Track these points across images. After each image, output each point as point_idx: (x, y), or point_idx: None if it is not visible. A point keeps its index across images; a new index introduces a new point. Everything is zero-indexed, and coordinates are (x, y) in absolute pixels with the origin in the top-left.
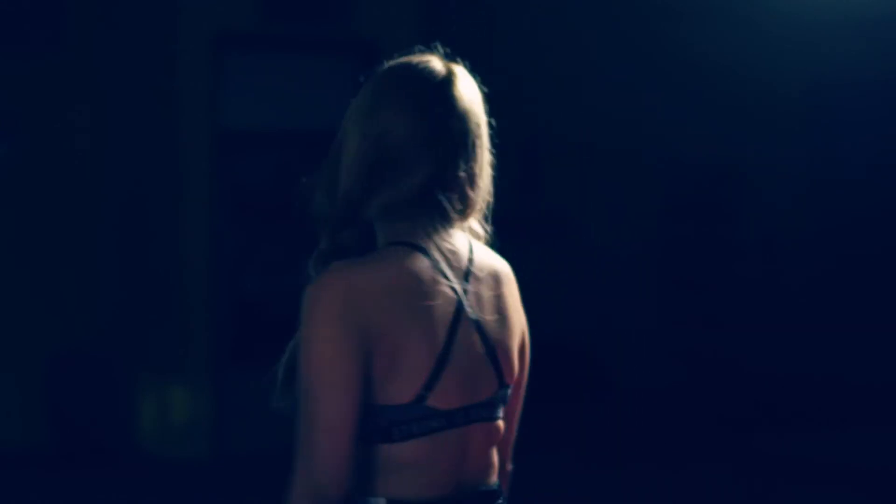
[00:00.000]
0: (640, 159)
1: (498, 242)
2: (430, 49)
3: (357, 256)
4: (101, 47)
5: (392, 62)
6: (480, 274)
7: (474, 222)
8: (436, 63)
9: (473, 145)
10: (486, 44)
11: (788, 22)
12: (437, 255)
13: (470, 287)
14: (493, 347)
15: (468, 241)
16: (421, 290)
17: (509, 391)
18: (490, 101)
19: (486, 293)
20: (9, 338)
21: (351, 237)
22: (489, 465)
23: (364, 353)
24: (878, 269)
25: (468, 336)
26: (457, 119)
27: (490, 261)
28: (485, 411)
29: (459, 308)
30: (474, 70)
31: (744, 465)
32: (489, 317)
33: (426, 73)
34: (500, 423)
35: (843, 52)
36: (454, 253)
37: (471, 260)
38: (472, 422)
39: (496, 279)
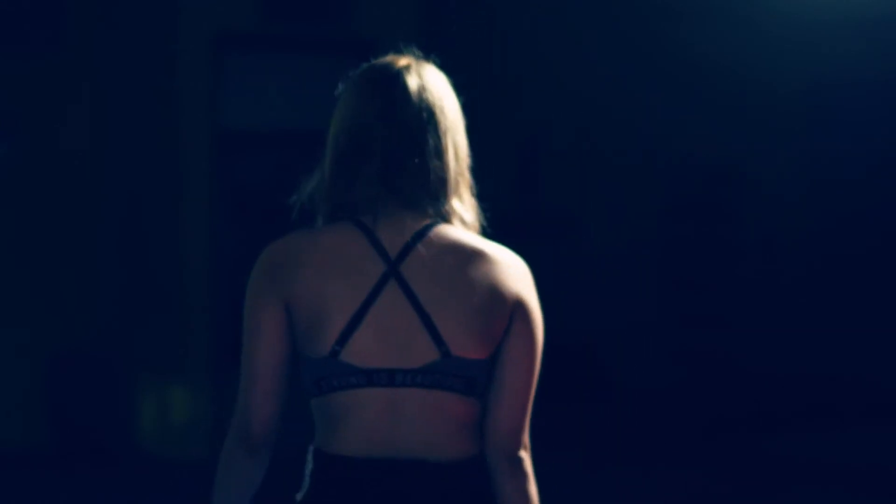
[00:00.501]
0: (640, 159)
1: (489, 231)
2: (404, 51)
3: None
4: (101, 47)
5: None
6: (427, 250)
7: (460, 207)
8: (396, 59)
9: (423, 130)
10: (486, 44)
11: (788, 22)
12: (374, 230)
13: (407, 260)
14: (429, 316)
15: (428, 221)
16: (342, 258)
17: (472, 366)
18: (490, 101)
19: (431, 267)
20: (9, 338)
21: (334, 215)
22: (437, 437)
23: (283, 311)
24: (878, 268)
25: (393, 302)
26: (402, 105)
27: (453, 239)
28: (421, 378)
29: (386, 276)
30: (474, 71)
31: (744, 464)
32: (428, 288)
33: (380, 67)
34: (455, 398)
35: (843, 52)
36: (394, 229)
37: (417, 237)
38: (400, 385)
39: (455, 256)
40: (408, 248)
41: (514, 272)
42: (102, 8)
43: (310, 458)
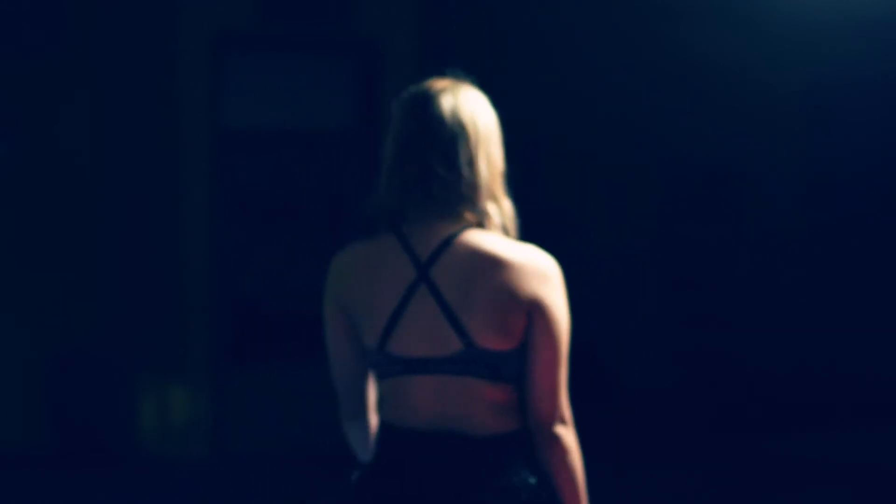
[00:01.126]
0: (640, 159)
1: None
2: (447, 73)
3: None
4: (101, 47)
5: None
6: (452, 256)
7: (495, 211)
8: (435, 82)
9: (455, 145)
10: (486, 44)
11: (788, 22)
12: (408, 239)
13: (435, 265)
14: (453, 313)
15: (456, 228)
16: (383, 266)
17: (497, 356)
18: (489, 101)
19: (455, 271)
20: (9, 338)
21: (387, 222)
22: (471, 416)
23: (344, 314)
24: (878, 267)
25: (423, 302)
26: (437, 123)
27: (477, 244)
28: (450, 366)
29: (417, 280)
30: (474, 71)
31: (744, 464)
32: (453, 289)
33: (421, 90)
34: (483, 384)
35: (843, 52)
36: (426, 237)
37: (444, 244)
38: (434, 372)
39: (477, 260)
40: (436, 255)
41: (530, 274)
42: (102, 8)
43: (378, 426)
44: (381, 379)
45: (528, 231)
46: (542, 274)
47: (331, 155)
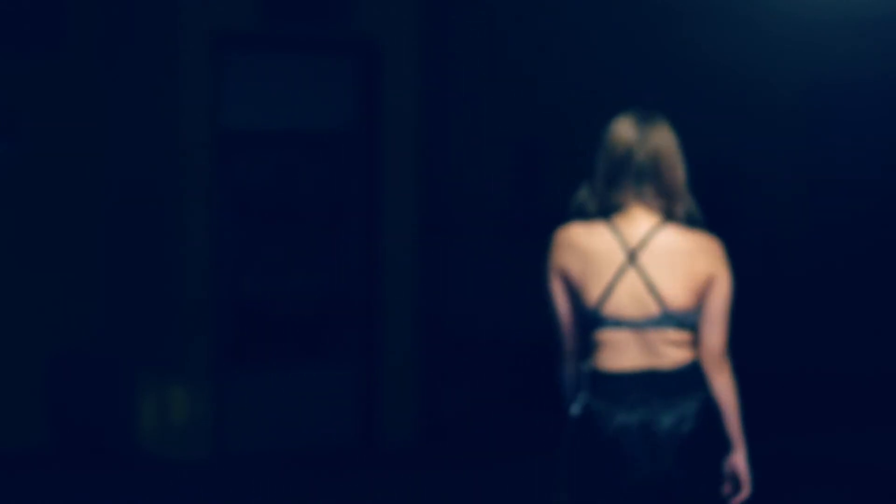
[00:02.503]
0: None
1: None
2: (644, 106)
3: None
4: (101, 47)
5: None
6: (654, 243)
7: (682, 210)
8: (635, 114)
9: (655, 161)
10: (486, 44)
11: (788, 22)
12: (618, 229)
13: (639, 251)
14: (654, 286)
15: (656, 223)
16: (598, 247)
17: (682, 314)
18: (489, 101)
19: (656, 255)
20: (9, 338)
21: (599, 213)
22: (667, 356)
23: (563, 280)
24: (878, 267)
25: (630, 278)
26: (641, 145)
27: (671, 236)
28: (650, 324)
29: (627, 261)
30: (473, 71)
31: None
32: (654, 269)
33: (625, 121)
34: (673, 331)
35: (843, 52)
36: (629, 230)
37: (648, 235)
38: (637, 328)
39: (669, 249)
40: (642, 243)
41: (708, 255)
42: (102, 8)
43: (585, 375)
44: (594, 333)
45: (530, 230)
46: (716, 254)
47: (331, 155)
